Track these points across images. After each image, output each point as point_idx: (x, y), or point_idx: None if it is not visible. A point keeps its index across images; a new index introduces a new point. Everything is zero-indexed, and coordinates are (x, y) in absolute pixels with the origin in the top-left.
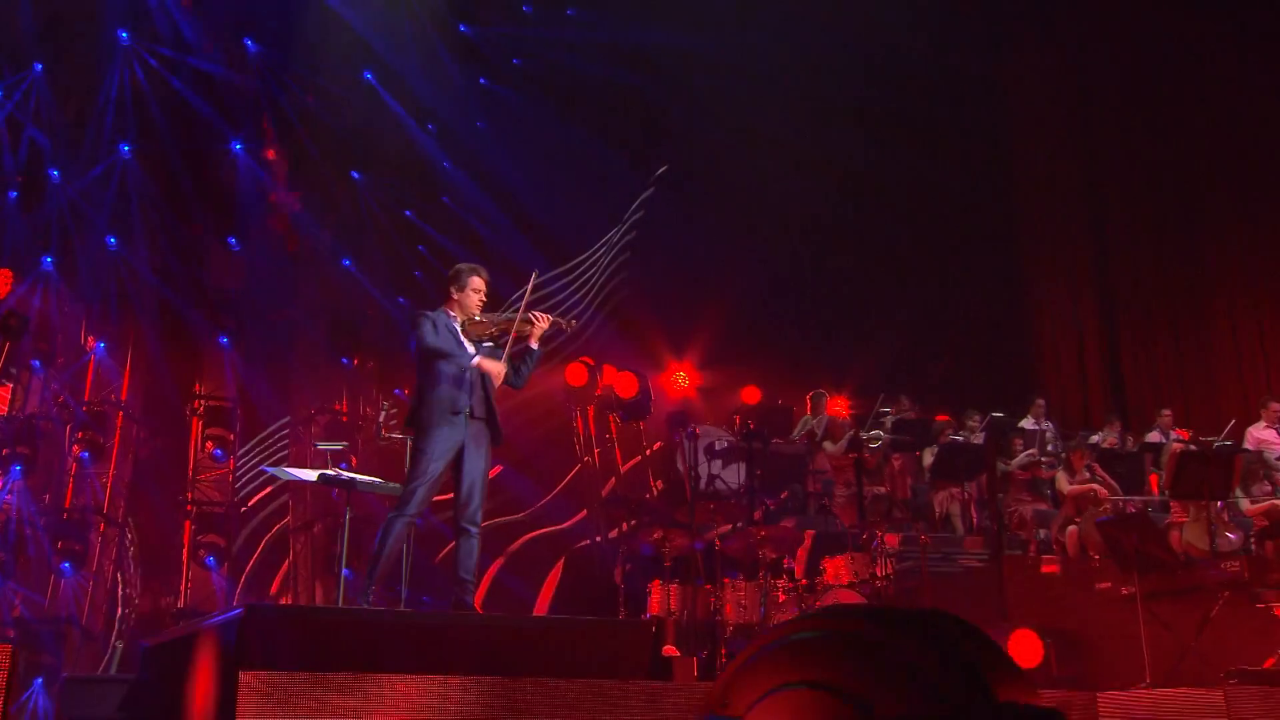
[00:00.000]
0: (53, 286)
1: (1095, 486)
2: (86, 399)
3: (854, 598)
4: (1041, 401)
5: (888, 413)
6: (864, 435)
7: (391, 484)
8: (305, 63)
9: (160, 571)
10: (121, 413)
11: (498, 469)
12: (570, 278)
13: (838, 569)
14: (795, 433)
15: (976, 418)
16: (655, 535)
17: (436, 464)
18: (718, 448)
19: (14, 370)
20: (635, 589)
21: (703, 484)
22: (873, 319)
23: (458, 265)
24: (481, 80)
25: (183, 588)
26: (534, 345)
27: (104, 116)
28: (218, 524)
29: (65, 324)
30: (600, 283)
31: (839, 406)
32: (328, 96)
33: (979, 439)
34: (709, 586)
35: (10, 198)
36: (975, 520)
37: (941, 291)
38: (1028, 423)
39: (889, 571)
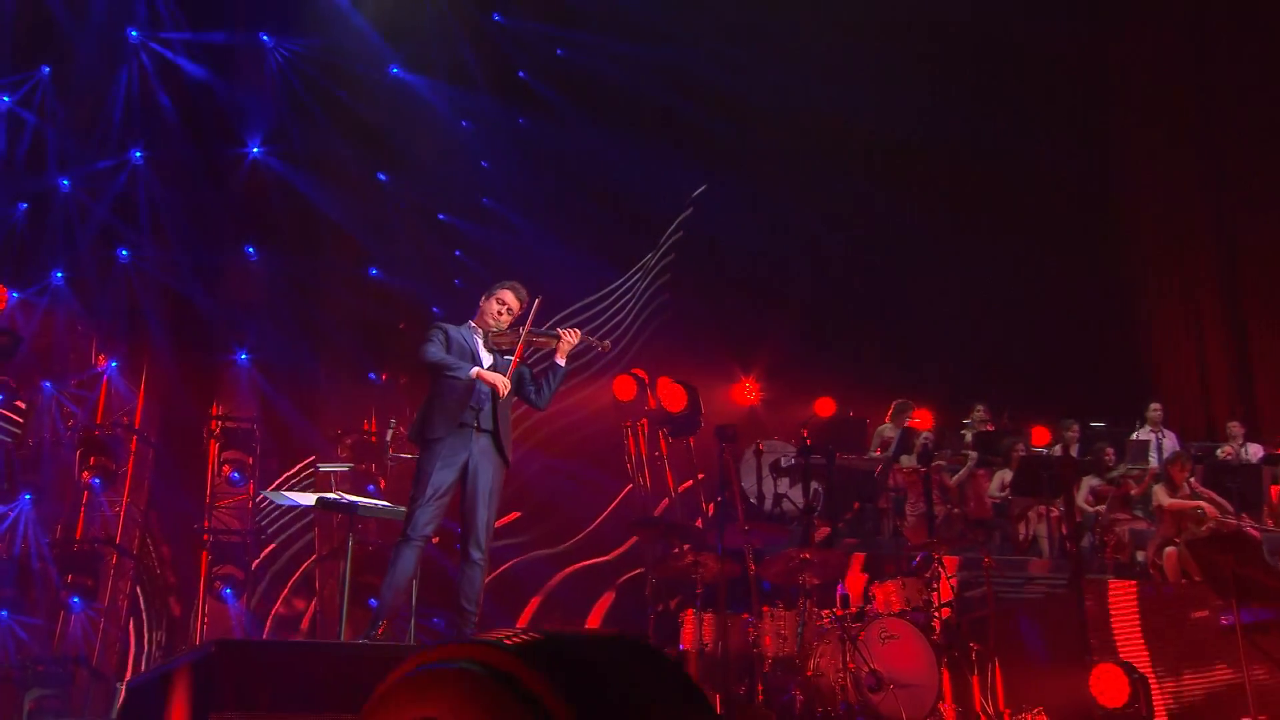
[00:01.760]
0: (63, 302)
1: (1201, 504)
2: (99, 421)
3: (903, 627)
4: (1157, 407)
5: (968, 424)
6: (936, 452)
7: (399, 508)
8: (326, 58)
9: (178, 605)
10: (135, 437)
11: (514, 516)
12: (610, 300)
13: (888, 595)
14: (873, 446)
15: (1075, 428)
16: (687, 560)
17: (439, 482)
18: (784, 464)
19: (21, 403)
20: (670, 619)
21: (768, 504)
22: (962, 321)
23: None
24: (520, 74)
25: (198, 623)
26: (560, 361)
27: (113, 120)
28: (235, 554)
29: (76, 342)
30: (644, 297)
31: (921, 418)
32: (354, 92)
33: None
34: (746, 616)
35: (19, 209)
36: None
37: (1038, 287)
38: (1143, 432)
39: (948, 598)
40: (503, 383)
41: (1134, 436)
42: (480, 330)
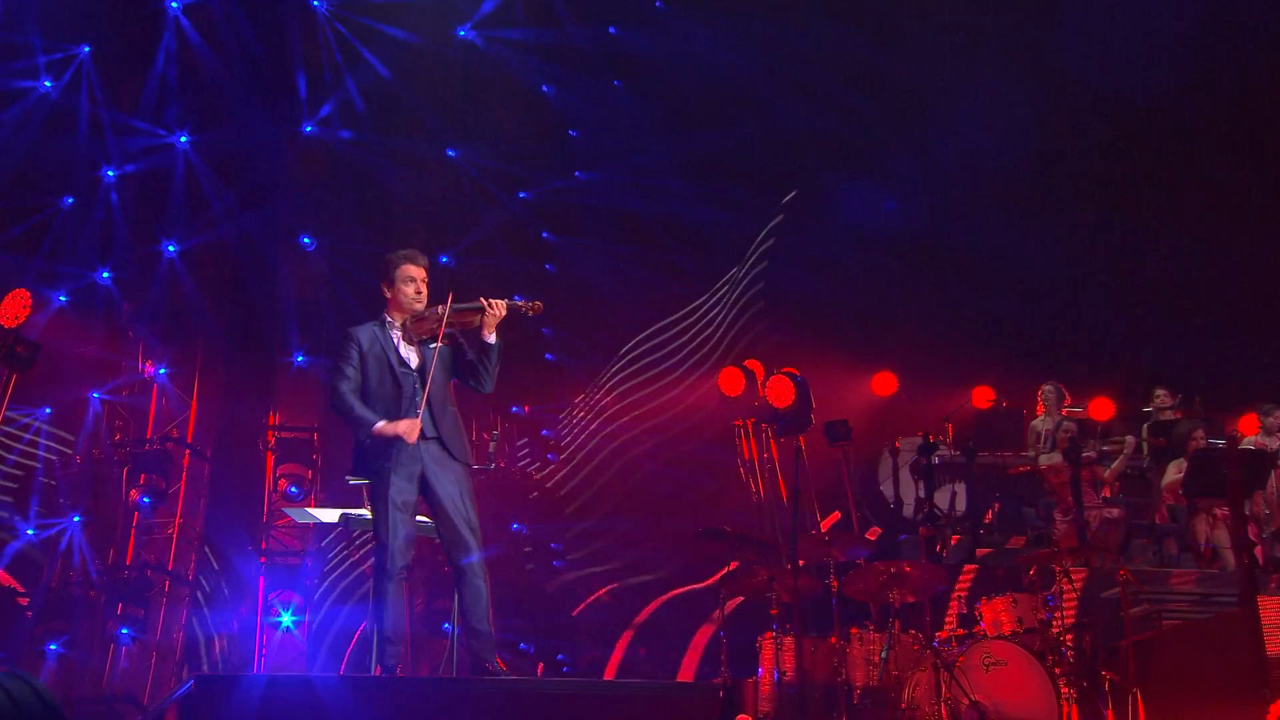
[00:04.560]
0: (105, 304)
1: None
2: (149, 435)
3: (1013, 652)
4: None
5: (1149, 412)
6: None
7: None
8: (385, 19)
9: (235, 636)
10: (188, 452)
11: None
12: (698, 315)
13: (996, 614)
14: (1030, 442)
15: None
16: (761, 577)
17: (399, 506)
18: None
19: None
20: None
21: (910, 510)
22: (1151, 294)
23: (387, 255)
24: (611, 30)
25: (256, 656)
26: (489, 338)
27: (155, 102)
28: (294, 577)
29: (125, 347)
30: (753, 285)
31: (1100, 406)
32: (418, 57)
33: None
34: (833, 640)
35: (65, 203)
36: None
37: (1231, 251)
38: None
39: (1075, 619)
40: (406, 429)
41: None
42: (396, 322)
